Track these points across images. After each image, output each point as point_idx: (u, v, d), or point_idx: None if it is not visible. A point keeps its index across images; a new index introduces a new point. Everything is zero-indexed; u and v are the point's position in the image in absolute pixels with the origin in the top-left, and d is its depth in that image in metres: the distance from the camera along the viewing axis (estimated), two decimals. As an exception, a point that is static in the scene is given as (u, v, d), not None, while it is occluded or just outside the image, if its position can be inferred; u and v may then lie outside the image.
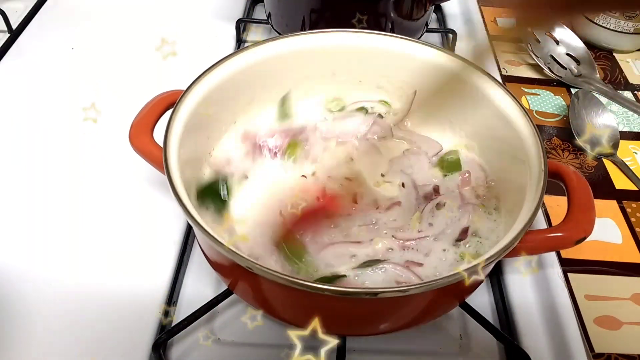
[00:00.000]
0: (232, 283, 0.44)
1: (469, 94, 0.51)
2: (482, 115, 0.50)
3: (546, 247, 0.43)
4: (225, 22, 0.80)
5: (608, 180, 0.62)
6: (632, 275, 0.53)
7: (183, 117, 0.45)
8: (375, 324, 0.42)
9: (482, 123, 0.51)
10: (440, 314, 0.45)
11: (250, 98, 0.53)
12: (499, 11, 0.89)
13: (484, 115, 0.50)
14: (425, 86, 0.53)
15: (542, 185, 0.41)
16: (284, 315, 0.43)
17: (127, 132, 0.46)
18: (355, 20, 0.68)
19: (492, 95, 0.48)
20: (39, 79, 0.70)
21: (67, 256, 0.51)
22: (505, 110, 0.47)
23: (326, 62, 0.55)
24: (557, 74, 0.75)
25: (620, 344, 0.47)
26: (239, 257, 0.36)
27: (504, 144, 0.48)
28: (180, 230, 0.53)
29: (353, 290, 0.36)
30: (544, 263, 0.51)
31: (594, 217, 0.42)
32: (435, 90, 0.53)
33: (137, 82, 0.70)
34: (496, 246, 0.38)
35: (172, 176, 0.40)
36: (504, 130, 0.48)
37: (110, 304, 0.47)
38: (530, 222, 0.38)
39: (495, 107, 0.48)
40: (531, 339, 0.46)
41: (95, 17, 0.81)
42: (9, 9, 0.79)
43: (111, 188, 0.57)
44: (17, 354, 0.44)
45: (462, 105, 0.52)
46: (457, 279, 0.36)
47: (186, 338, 0.46)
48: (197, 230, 0.38)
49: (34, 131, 0.63)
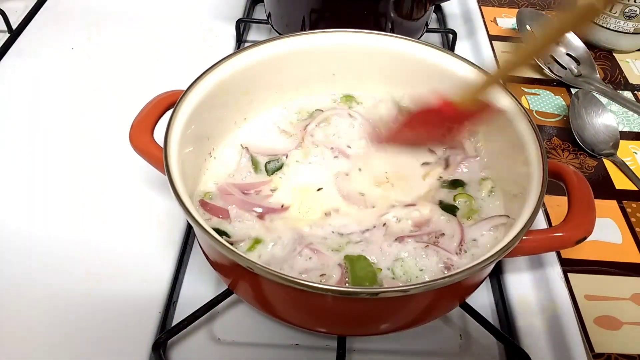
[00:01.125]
0: (232, 283, 0.44)
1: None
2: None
3: (547, 247, 0.43)
4: (225, 22, 0.80)
5: (608, 180, 0.62)
6: (632, 275, 0.53)
7: (183, 117, 0.45)
8: (375, 324, 0.42)
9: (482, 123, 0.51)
10: (441, 314, 0.45)
11: (250, 98, 0.53)
12: (499, 11, 0.89)
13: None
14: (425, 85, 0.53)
15: (543, 186, 0.41)
16: (284, 315, 0.43)
17: (127, 132, 0.46)
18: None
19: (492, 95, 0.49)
20: (39, 79, 0.70)
21: (67, 256, 0.51)
22: (505, 110, 0.47)
23: (326, 62, 0.55)
24: (557, 74, 0.75)
25: (620, 344, 0.47)
26: (239, 257, 0.36)
27: (504, 143, 0.48)
28: (180, 230, 0.53)
29: (353, 290, 0.36)
30: (544, 263, 0.51)
31: (595, 217, 0.42)
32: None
33: (137, 82, 0.70)
34: (496, 246, 0.38)
35: (173, 176, 0.40)
36: (504, 130, 0.48)
37: (110, 304, 0.47)
38: (531, 223, 0.38)
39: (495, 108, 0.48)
40: (531, 339, 0.46)
41: (95, 17, 0.81)
42: (9, 9, 0.79)
43: (111, 188, 0.57)
44: (17, 353, 0.44)
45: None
46: (458, 278, 0.36)
47: (186, 338, 0.46)
48: (197, 230, 0.38)
49: (34, 131, 0.63)
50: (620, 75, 0.77)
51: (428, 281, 0.36)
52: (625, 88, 0.75)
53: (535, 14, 0.79)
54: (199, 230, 0.37)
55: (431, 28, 0.78)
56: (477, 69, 0.50)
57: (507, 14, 0.88)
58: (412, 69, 0.54)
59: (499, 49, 0.80)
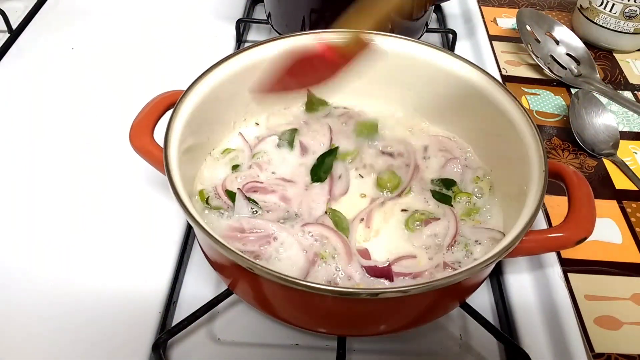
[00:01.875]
0: (232, 283, 0.44)
1: (469, 94, 0.51)
2: (482, 115, 0.50)
3: (547, 248, 0.43)
4: (225, 22, 0.80)
5: (608, 180, 0.62)
6: (632, 275, 0.53)
7: (183, 117, 0.45)
8: (375, 325, 0.42)
9: (482, 123, 0.51)
10: (441, 315, 0.45)
11: (250, 99, 0.53)
12: (499, 11, 0.89)
13: (484, 116, 0.50)
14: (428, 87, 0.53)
15: (543, 186, 0.41)
16: (284, 316, 0.43)
17: (127, 132, 0.46)
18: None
19: (493, 95, 0.49)
20: (39, 79, 0.70)
21: (68, 256, 0.51)
22: (506, 110, 0.47)
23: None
24: (557, 74, 0.75)
25: (620, 344, 0.47)
26: (239, 257, 0.36)
27: (504, 144, 0.48)
28: (180, 230, 0.53)
29: (353, 291, 0.36)
30: (544, 263, 0.51)
31: (595, 218, 0.42)
32: (438, 92, 0.53)
33: (137, 82, 0.70)
34: (497, 247, 0.38)
35: (173, 176, 0.40)
36: (504, 131, 0.48)
37: (110, 304, 0.47)
38: (531, 223, 0.38)
39: (496, 108, 0.48)
40: (531, 339, 0.46)
41: (95, 17, 0.81)
42: (9, 9, 0.79)
43: (111, 188, 0.57)
44: (17, 354, 0.44)
45: (463, 105, 0.52)
46: (458, 279, 0.36)
47: (186, 338, 0.46)
48: (197, 230, 0.38)
49: (34, 131, 0.63)
50: (620, 75, 0.77)
51: (429, 281, 0.36)
52: (625, 88, 0.75)
53: (535, 14, 0.79)
54: (199, 230, 0.37)
55: (431, 28, 0.78)
56: (478, 69, 0.50)
57: (507, 14, 0.88)
58: (415, 69, 0.53)
59: (499, 49, 0.80)
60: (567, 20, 0.87)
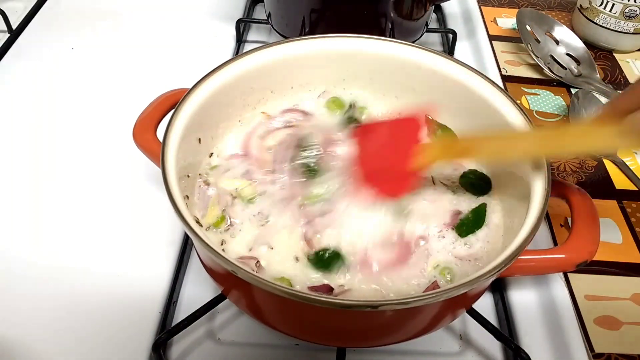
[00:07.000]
0: (225, 290, 0.44)
1: (469, 99, 0.50)
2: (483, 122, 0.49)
3: (545, 269, 0.42)
4: (225, 22, 0.81)
5: (608, 180, 0.62)
6: (632, 275, 0.53)
7: (185, 116, 0.45)
8: (375, 337, 0.41)
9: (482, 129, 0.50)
10: (441, 326, 0.44)
11: (255, 100, 0.53)
12: (499, 11, 0.89)
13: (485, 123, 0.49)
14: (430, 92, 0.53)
15: (544, 203, 0.38)
16: (280, 326, 0.42)
17: (127, 133, 0.46)
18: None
19: (493, 100, 0.48)
20: (39, 79, 0.70)
21: (68, 255, 0.51)
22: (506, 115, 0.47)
23: (333, 67, 0.54)
24: (557, 74, 0.75)
25: (620, 344, 0.47)
26: (232, 265, 0.35)
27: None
28: (180, 230, 0.53)
29: (351, 303, 0.34)
30: (544, 263, 0.51)
31: (598, 240, 0.40)
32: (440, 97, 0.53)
33: (136, 82, 0.70)
34: (489, 264, 0.36)
35: (168, 175, 0.40)
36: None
37: (110, 304, 0.47)
38: (528, 242, 0.36)
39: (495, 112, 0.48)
40: (531, 339, 0.46)
41: (95, 17, 0.81)
42: (9, 9, 0.80)
43: (112, 188, 0.57)
44: (16, 354, 0.44)
45: (462, 110, 0.52)
46: (454, 293, 0.34)
47: (186, 338, 0.46)
48: (190, 233, 0.37)
49: (34, 131, 0.63)
50: (620, 75, 0.77)
51: (429, 293, 0.34)
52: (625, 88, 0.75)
53: (535, 14, 0.79)
54: (191, 233, 0.37)
55: (431, 28, 0.78)
56: (480, 75, 0.49)
57: (507, 14, 0.88)
58: (420, 76, 0.52)
59: (499, 49, 0.80)
60: (567, 20, 0.87)
